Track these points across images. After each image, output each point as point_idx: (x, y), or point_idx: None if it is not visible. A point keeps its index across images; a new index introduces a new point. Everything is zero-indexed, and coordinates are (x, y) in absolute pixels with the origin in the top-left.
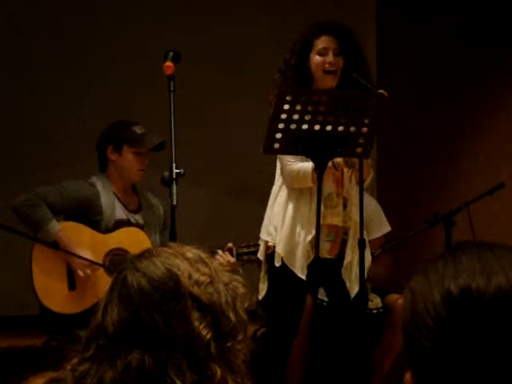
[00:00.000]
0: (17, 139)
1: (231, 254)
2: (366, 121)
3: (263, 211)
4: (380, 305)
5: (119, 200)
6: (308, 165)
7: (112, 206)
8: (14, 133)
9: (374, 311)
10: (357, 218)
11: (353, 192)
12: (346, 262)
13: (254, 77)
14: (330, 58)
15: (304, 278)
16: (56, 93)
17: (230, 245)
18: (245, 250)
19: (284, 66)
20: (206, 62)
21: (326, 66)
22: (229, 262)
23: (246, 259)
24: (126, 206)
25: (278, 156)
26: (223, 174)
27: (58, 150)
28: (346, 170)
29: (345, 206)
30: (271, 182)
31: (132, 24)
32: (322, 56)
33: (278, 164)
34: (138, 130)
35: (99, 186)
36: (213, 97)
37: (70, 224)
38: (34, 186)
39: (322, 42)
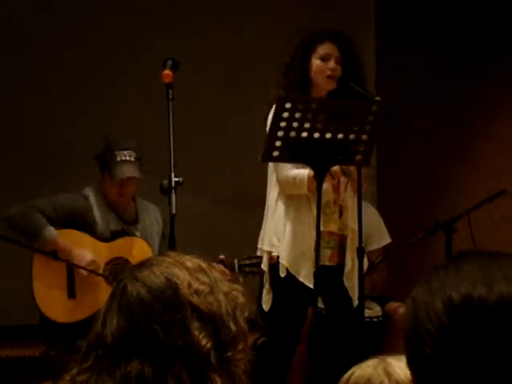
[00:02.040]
0: (16, 139)
1: (224, 265)
2: (367, 128)
3: (261, 220)
4: (380, 313)
5: (114, 211)
6: (304, 172)
7: (106, 219)
8: (14, 133)
9: (374, 319)
10: (353, 225)
11: (348, 200)
12: (346, 270)
13: (254, 86)
14: (332, 64)
15: (311, 285)
16: (56, 93)
17: (221, 257)
18: (247, 262)
19: (285, 69)
20: (203, 71)
21: (328, 72)
22: (224, 273)
23: (248, 271)
24: (121, 218)
25: (273, 163)
26: (221, 182)
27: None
28: (342, 178)
29: (341, 214)
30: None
31: (133, 23)
32: (323, 61)
33: (271, 174)
34: (119, 156)
35: (92, 198)
36: (211, 105)
37: (70, 231)
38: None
39: (324, 48)
